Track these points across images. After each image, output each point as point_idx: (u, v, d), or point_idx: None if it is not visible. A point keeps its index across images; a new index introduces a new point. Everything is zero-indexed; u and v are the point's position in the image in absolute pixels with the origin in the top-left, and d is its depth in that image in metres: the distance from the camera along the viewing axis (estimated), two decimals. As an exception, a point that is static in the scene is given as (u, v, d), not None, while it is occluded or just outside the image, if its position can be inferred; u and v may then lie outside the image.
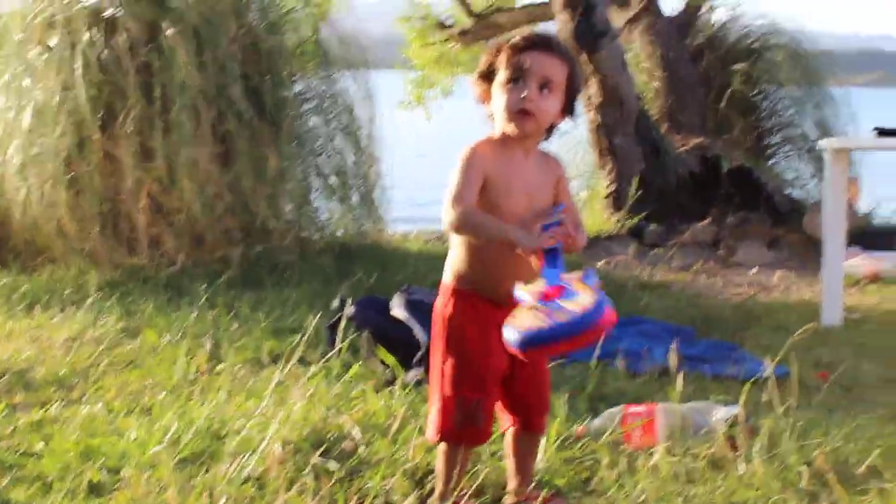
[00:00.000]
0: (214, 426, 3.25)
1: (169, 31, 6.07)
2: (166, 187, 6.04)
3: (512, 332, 2.38)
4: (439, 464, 2.72)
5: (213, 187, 6.11)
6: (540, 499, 2.80)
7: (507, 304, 2.48)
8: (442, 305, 2.68)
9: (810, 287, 6.38)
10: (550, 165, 2.73)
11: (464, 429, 2.64)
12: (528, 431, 2.81)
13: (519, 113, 2.56)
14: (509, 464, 2.84)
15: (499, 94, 2.58)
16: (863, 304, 5.87)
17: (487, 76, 2.62)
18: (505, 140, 2.60)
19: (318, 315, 4.32)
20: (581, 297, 2.36)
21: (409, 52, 12.53)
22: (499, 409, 2.79)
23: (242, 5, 6.75)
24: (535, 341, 2.36)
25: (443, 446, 2.69)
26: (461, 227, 2.55)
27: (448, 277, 2.68)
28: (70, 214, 5.99)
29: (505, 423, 2.81)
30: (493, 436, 2.80)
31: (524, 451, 2.83)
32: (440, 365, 2.65)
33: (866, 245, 7.08)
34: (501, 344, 2.44)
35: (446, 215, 2.54)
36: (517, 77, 2.55)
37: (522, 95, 2.54)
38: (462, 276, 2.65)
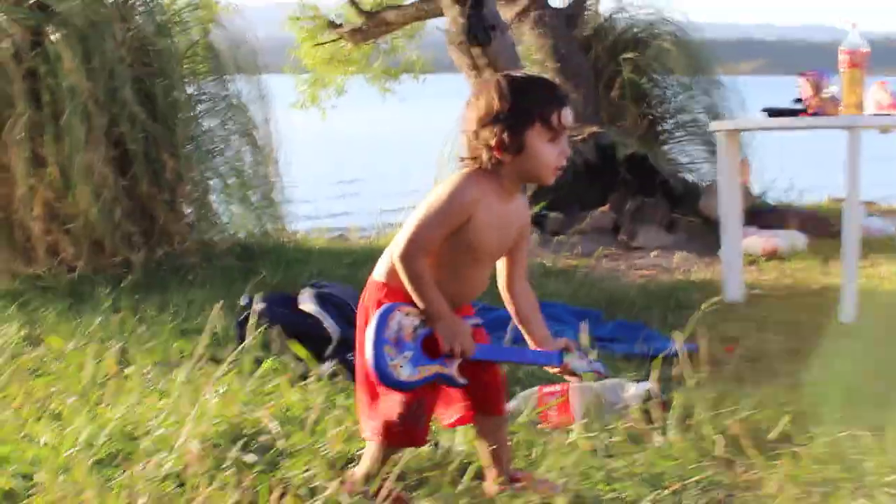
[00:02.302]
0: (128, 427, 3.19)
1: (54, 36, 5.94)
2: (61, 194, 5.91)
3: None
4: (370, 458, 2.70)
5: (110, 192, 5.99)
6: (531, 480, 2.80)
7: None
8: (372, 302, 2.66)
9: (709, 267, 6.50)
10: (523, 209, 2.74)
11: (405, 429, 2.61)
12: (491, 415, 2.81)
13: (559, 167, 2.59)
14: (483, 454, 2.82)
15: (543, 145, 2.55)
16: (762, 281, 6.00)
17: (513, 119, 2.54)
18: (499, 180, 2.58)
19: (226, 314, 4.27)
20: None
21: (300, 53, 12.47)
22: (442, 401, 2.79)
23: (127, 8, 6.63)
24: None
25: (377, 445, 2.67)
26: (407, 276, 2.54)
27: (381, 275, 2.66)
28: (-38, 226, 5.83)
29: (452, 414, 2.81)
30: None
31: (496, 437, 2.82)
32: None
33: (761, 224, 7.26)
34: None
35: (401, 252, 2.54)
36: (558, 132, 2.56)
37: (561, 151, 2.58)
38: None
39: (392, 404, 2.61)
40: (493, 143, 2.54)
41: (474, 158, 2.59)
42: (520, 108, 2.53)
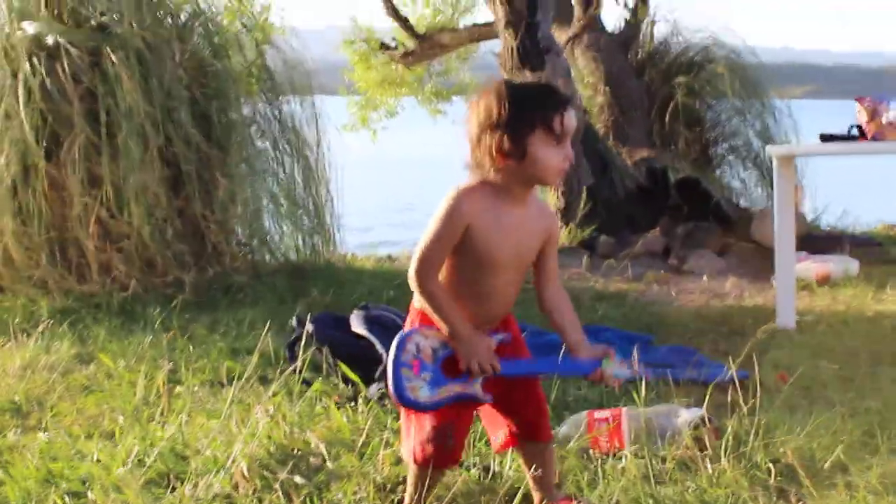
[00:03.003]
0: (178, 447, 3.20)
1: (113, 57, 6.01)
2: (115, 213, 5.97)
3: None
4: (411, 481, 2.71)
5: (163, 212, 6.07)
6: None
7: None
8: (409, 327, 2.66)
9: (761, 293, 6.43)
10: (545, 217, 2.72)
11: (434, 450, 2.62)
12: (534, 440, 2.80)
13: (563, 171, 2.57)
14: (529, 478, 2.81)
15: (545, 149, 2.53)
16: (814, 307, 5.93)
17: (514, 124, 2.53)
18: (506, 188, 2.57)
19: (276, 334, 4.29)
20: None
21: (353, 76, 12.53)
22: (490, 424, 2.80)
23: (185, 30, 6.71)
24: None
25: (414, 466, 2.68)
26: (422, 296, 2.57)
27: (417, 301, 2.66)
28: (17, 243, 5.90)
29: (499, 440, 2.79)
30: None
31: (541, 462, 2.81)
32: None
33: (813, 249, 7.18)
34: None
35: (414, 274, 2.56)
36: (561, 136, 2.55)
37: (565, 155, 2.56)
38: None
39: (422, 427, 2.61)
40: (495, 148, 2.53)
41: (476, 165, 2.58)
42: (521, 114, 2.52)
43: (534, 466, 2.79)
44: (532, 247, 2.67)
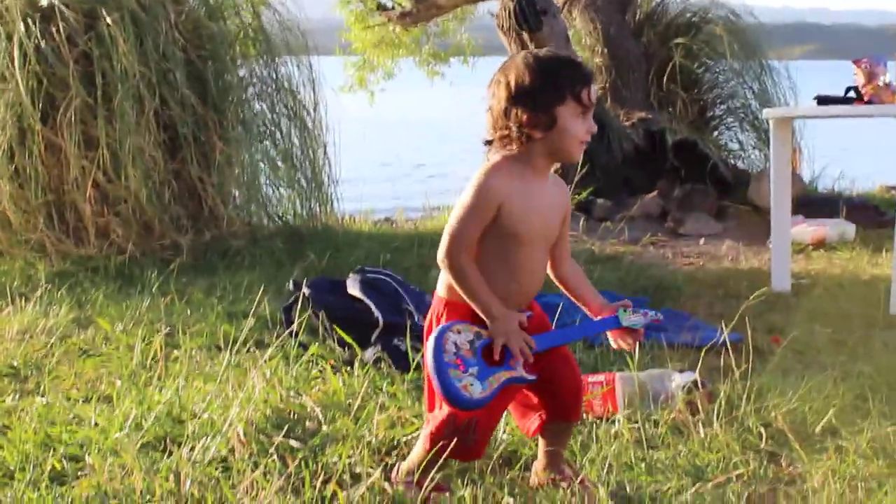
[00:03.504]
0: (175, 411, 3.23)
1: (108, 19, 5.99)
2: (111, 176, 5.97)
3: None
4: (420, 448, 2.67)
5: (160, 175, 6.06)
6: (579, 479, 2.78)
7: None
8: (434, 318, 2.66)
9: (757, 255, 6.45)
10: (561, 191, 2.72)
11: (456, 445, 2.59)
12: (566, 420, 2.81)
13: (585, 143, 2.58)
14: (541, 450, 2.83)
15: (573, 120, 2.54)
16: (810, 270, 5.95)
17: (545, 95, 2.54)
18: (528, 161, 2.58)
19: (273, 298, 4.31)
20: None
21: (350, 36, 12.47)
22: (521, 413, 2.80)
23: (181, -9, 6.68)
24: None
25: (427, 446, 2.65)
26: (452, 275, 2.55)
27: (442, 290, 2.66)
28: (14, 206, 5.91)
29: (532, 425, 2.79)
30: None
31: (560, 441, 2.83)
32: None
33: (809, 212, 7.19)
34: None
35: (444, 254, 2.54)
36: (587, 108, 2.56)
37: (588, 128, 2.56)
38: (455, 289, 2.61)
39: (444, 419, 2.58)
40: (525, 119, 2.53)
41: (503, 139, 2.58)
42: (552, 84, 2.54)
43: (552, 444, 2.80)
44: (556, 222, 2.69)
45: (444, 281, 2.65)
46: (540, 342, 2.59)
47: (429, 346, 2.50)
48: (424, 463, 2.63)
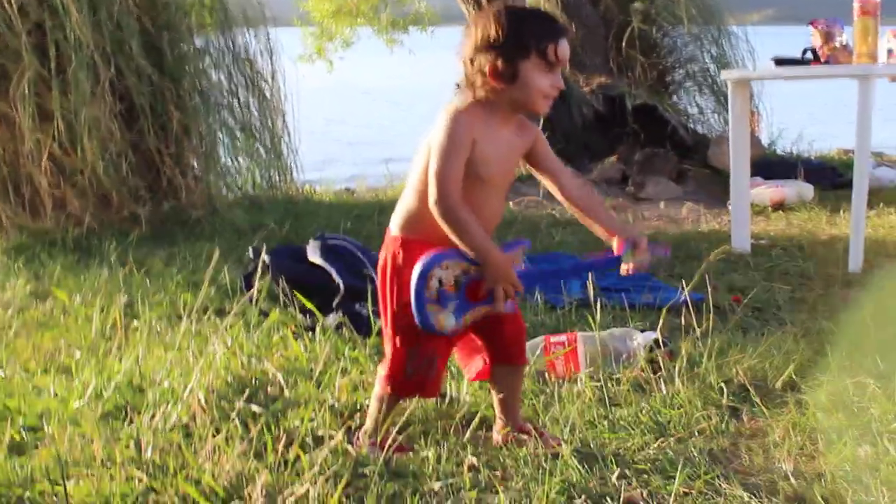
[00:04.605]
0: (135, 380, 3.19)
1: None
2: (67, 148, 5.90)
3: None
4: (375, 406, 2.72)
5: (116, 146, 6.01)
6: (541, 435, 2.79)
7: None
8: (390, 257, 2.65)
9: (717, 218, 6.49)
10: (525, 130, 2.70)
11: (415, 380, 2.64)
12: (511, 364, 2.83)
13: (550, 98, 2.57)
14: (495, 401, 2.85)
15: (537, 75, 2.53)
16: (769, 231, 5.99)
17: (509, 48, 2.53)
18: (493, 108, 2.57)
19: (233, 267, 4.29)
20: None
21: (307, 5, 12.40)
22: (465, 356, 2.82)
23: (135, -40, 6.59)
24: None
25: (383, 391, 2.69)
26: (446, 220, 2.52)
27: (396, 228, 2.66)
28: (-31, 180, 5.84)
29: (475, 367, 2.82)
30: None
31: (510, 386, 2.84)
32: (391, 318, 2.64)
33: (767, 174, 7.22)
34: None
35: (438, 200, 2.51)
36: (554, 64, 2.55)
37: (553, 83, 2.56)
38: (416, 226, 2.61)
39: (402, 357, 2.63)
40: (487, 69, 2.54)
41: (468, 85, 2.59)
42: (516, 38, 2.53)
43: (503, 390, 2.82)
44: (515, 162, 2.70)
45: (398, 220, 2.65)
46: (526, 281, 2.59)
47: (412, 278, 2.51)
48: (383, 416, 2.66)
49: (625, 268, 2.70)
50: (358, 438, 2.75)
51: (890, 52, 5.25)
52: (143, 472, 2.51)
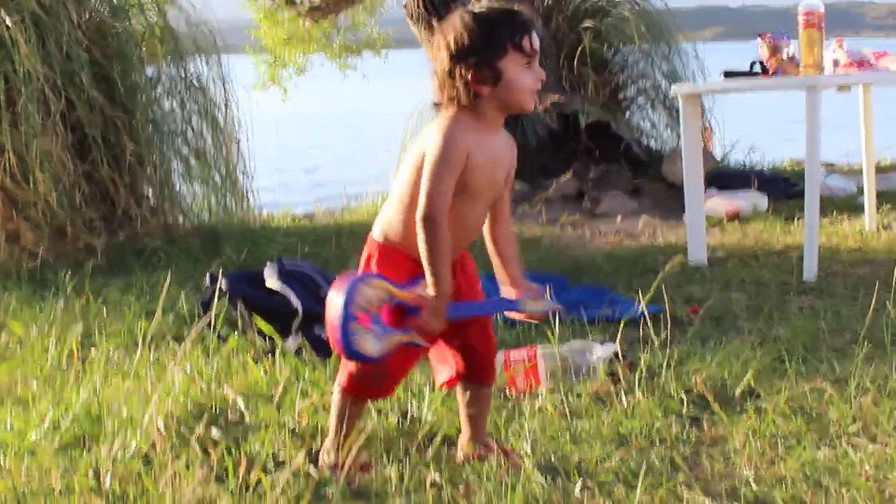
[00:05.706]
0: (93, 409, 3.16)
1: (8, 21, 5.86)
2: (20, 181, 5.85)
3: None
4: (335, 413, 2.72)
5: (69, 177, 5.96)
6: (504, 451, 2.80)
7: None
8: (364, 259, 2.66)
9: (674, 231, 6.52)
10: (510, 147, 2.70)
11: (367, 382, 2.66)
12: (479, 383, 2.84)
13: (534, 92, 2.56)
14: (462, 418, 2.86)
15: (518, 71, 2.52)
16: (725, 242, 6.03)
17: (485, 50, 2.52)
18: (479, 115, 2.55)
19: (191, 294, 4.26)
20: None
21: (259, 33, 12.38)
22: (438, 361, 2.82)
23: (82, -10, 6.56)
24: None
25: (340, 397, 2.69)
26: (426, 233, 2.49)
27: (378, 233, 2.66)
28: (-81, 215, 5.77)
29: (446, 373, 2.81)
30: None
31: (478, 405, 2.84)
32: None
33: (722, 186, 7.29)
34: None
35: (426, 212, 2.48)
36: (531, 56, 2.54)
37: (535, 75, 2.54)
38: (397, 234, 2.61)
39: (355, 369, 2.64)
40: (470, 77, 2.52)
41: (451, 98, 2.56)
42: (490, 39, 2.52)
43: (471, 408, 2.83)
44: (503, 176, 2.67)
45: (383, 224, 2.65)
46: (452, 311, 2.58)
47: (339, 294, 2.47)
48: (346, 426, 2.67)
49: (518, 316, 2.76)
50: (321, 460, 2.74)
51: (836, 62, 5.34)
52: (103, 500, 2.49)
